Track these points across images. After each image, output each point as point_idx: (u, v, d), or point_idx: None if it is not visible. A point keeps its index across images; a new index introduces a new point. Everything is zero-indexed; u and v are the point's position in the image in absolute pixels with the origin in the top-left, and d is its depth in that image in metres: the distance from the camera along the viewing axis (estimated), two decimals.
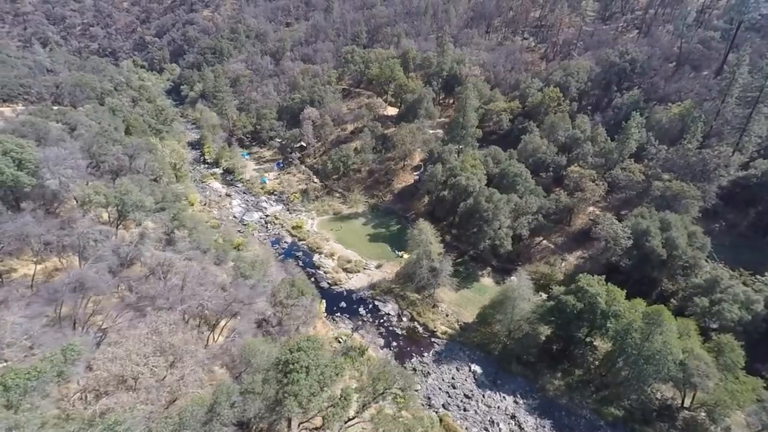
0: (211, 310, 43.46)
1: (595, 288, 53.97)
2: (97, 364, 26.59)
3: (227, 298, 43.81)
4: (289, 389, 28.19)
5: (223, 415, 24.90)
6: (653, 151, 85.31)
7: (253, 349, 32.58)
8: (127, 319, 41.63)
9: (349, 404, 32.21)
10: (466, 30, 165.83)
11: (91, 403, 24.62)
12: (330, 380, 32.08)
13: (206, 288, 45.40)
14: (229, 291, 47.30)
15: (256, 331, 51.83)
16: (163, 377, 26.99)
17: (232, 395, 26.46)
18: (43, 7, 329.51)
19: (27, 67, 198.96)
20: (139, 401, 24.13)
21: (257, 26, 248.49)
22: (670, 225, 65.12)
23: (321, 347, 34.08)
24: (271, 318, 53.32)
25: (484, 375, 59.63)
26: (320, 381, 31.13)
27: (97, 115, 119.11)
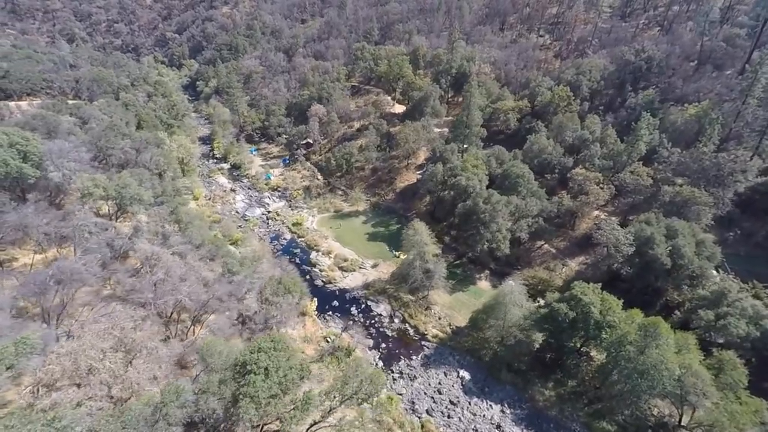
0: (189, 306, 43.49)
1: (589, 296, 51.62)
2: (50, 358, 26.74)
3: (206, 294, 43.71)
4: (244, 390, 27.71)
5: (171, 415, 24.56)
6: (665, 154, 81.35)
7: (210, 348, 32.26)
8: (108, 312, 42.08)
9: (309, 408, 31.45)
10: (479, 27, 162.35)
11: (42, 398, 24.71)
12: (293, 383, 31.43)
13: (188, 284, 45.43)
14: (211, 287, 47.22)
15: (240, 328, 51.83)
16: (120, 373, 26.91)
17: (182, 395, 26.11)
18: (71, 4, 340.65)
19: (52, 62, 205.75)
20: (87, 397, 24.02)
21: (273, 23, 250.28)
22: (677, 232, 61.82)
23: (287, 348, 33.39)
24: (256, 315, 53.14)
25: (473, 381, 58.03)
26: (281, 383, 30.50)
27: (110, 110, 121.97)
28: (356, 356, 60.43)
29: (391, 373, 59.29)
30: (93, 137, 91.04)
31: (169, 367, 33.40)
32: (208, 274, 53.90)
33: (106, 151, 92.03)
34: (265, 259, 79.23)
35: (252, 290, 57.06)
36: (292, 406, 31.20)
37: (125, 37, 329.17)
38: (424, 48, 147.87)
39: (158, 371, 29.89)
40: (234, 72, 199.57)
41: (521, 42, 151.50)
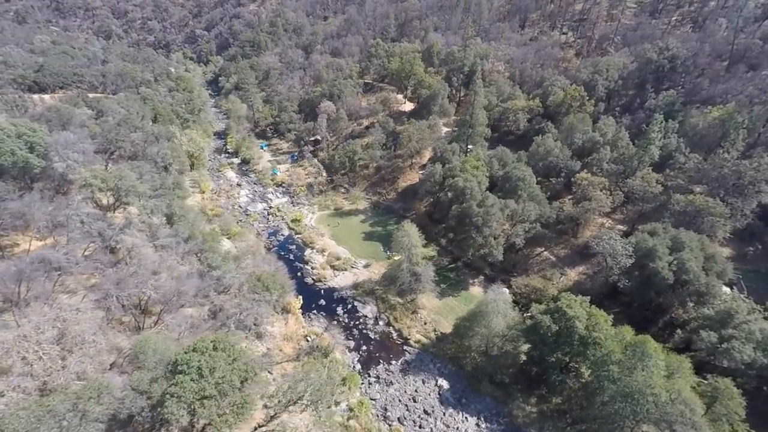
0: (154, 300, 43.82)
1: (574, 310, 48.33)
2: None
3: (172, 288, 43.90)
4: (171, 390, 27.21)
5: (90, 411, 24.37)
6: (682, 159, 75.66)
7: (143, 345, 32.02)
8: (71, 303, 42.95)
9: (244, 412, 30.65)
10: (498, 24, 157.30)
11: None
12: (231, 386, 30.71)
13: (158, 277, 45.80)
14: (182, 282, 47.42)
15: (213, 323, 51.93)
16: (53, 366, 27.12)
17: (104, 391, 25.92)
18: (110, 2, 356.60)
19: (86, 57, 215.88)
20: (11, 388, 24.20)
21: (295, 20, 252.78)
22: (683, 245, 57.08)
23: (230, 349, 32.72)
24: (230, 311, 53.11)
25: (451, 391, 55.83)
26: (219, 385, 29.86)
27: (128, 103, 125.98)
28: (334, 357, 59.51)
29: (367, 377, 57.97)
30: (104, 130, 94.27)
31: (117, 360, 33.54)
32: (184, 269, 54.34)
33: (115, 144, 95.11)
34: (256, 255, 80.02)
35: (232, 286, 57.10)
36: (230, 410, 30.56)
37: (158, 33, 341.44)
38: (438, 45, 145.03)
39: (89, 365, 30.04)
40: (253, 68, 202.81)
41: (542, 40, 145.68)
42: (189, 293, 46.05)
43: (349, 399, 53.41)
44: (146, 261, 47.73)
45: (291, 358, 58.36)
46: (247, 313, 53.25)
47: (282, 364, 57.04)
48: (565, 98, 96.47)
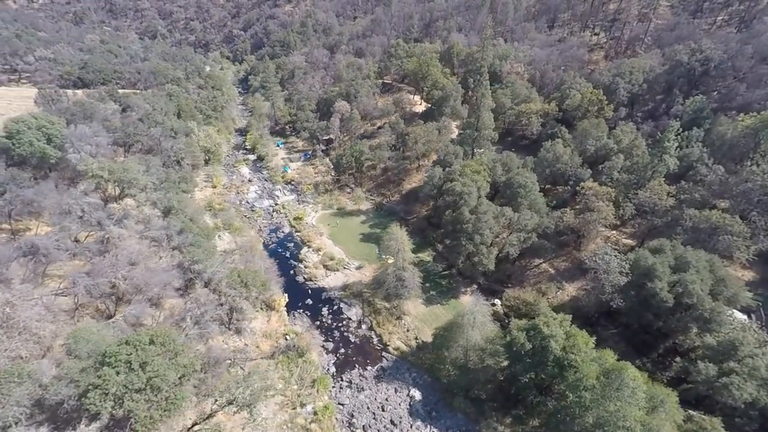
0: (123, 290, 45.22)
1: (551, 328, 45.07)
2: None
3: (144, 279, 45.11)
4: (95, 382, 27.68)
5: (10, 394, 25.22)
6: (703, 171, 69.14)
7: (78, 335, 32.79)
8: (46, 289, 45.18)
9: (171, 408, 30.59)
10: (524, 24, 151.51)
11: None
12: (164, 380, 30.84)
13: (130, 268, 47.29)
14: (157, 273, 48.68)
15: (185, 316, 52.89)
16: None
17: (24, 376, 26.73)
18: (157, 4, 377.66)
19: (129, 55, 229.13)
20: None
21: (325, 20, 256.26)
22: (688, 265, 51.90)
23: (170, 344, 32.90)
24: (207, 305, 53.98)
25: (422, 403, 53.84)
26: (150, 380, 30.08)
27: (153, 99, 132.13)
28: (309, 358, 59.16)
29: (340, 381, 57.09)
30: (124, 124, 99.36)
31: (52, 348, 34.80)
32: (164, 261, 55.86)
33: (133, 137, 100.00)
34: (253, 251, 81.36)
35: (212, 281, 58.12)
36: (158, 405, 30.69)
37: (198, 33, 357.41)
38: (459, 45, 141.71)
39: (24, 351, 31.27)
40: (280, 68, 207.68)
41: (570, 41, 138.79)
42: (166, 285, 47.21)
43: (316, 402, 52.81)
44: (126, 252, 49.40)
45: (266, 356, 58.50)
46: (221, 309, 53.82)
47: (256, 361, 57.28)
48: (582, 102, 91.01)
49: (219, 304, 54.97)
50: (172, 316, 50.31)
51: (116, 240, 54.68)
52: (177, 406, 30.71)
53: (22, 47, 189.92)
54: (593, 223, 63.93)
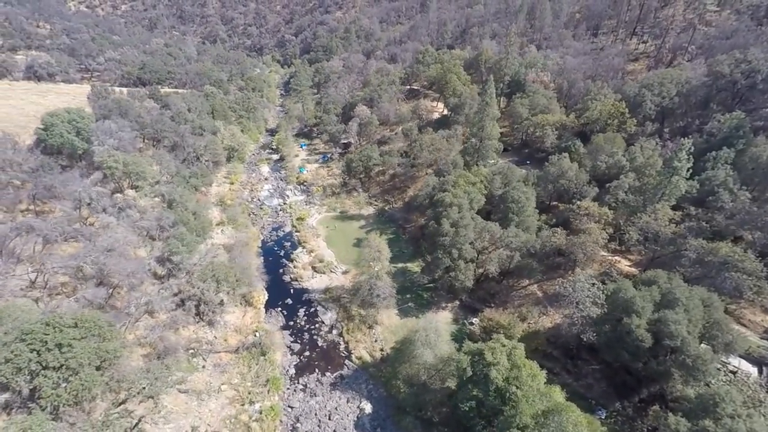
0: (89, 274, 48.80)
1: (495, 356, 41.87)
2: None
3: (107, 266, 48.42)
4: (7, 356, 30.02)
5: None
6: (726, 197, 60.88)
7: (2, 312, 35.44)
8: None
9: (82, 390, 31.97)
10: (561, 30, 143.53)
11: None
12: (77, 363, 32.69)
13: (110, 254, 50.98)
14: (129, 261, 52.05)
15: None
16: None
17: None
18: (220, 11, 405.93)
19: (186, 58, 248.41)
20: None
21: (368, 26, 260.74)
22: (676, 302, 45.86)
23: (95, 328, 34.83)
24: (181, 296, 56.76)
25: (370, 417, 52.32)
26: (67, 360, 32.11)
27: (191, 99, 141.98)
28: (271, 357, 59.94)
29: (296, 384, 57.13)
30: (152, 121, 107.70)
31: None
32: (141, 251, 59.54)
33: (161, 134, 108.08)
34: (249, 246, 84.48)
35: (189, 272, 60.99)
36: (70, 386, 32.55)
37: (254, 38, 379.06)
38: (489, 52, 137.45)
39: None
40: (318, 72, 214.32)
41: (614, 48, 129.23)
42: (132, 273, 50.46)
43: (264, 401, 53.32)
44: (108, 239, 53.49)
45: (230, 350, 60.15)
46: (191, 301, 56.26)
47: (220, 354, 59.10)
48: (601, 115, 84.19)
49: (191, 295, 57.38)
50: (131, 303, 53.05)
51: (103, 228, 59.31)
52: (87, 389, 32.48)
53: (95, 49, 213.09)
54: (581, 246, 58.50)
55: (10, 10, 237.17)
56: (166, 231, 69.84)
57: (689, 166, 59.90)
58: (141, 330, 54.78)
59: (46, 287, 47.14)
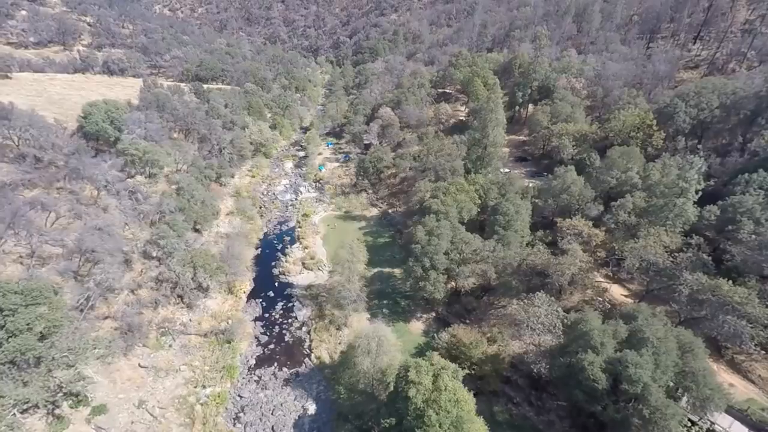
0: (71, 249, 53.81)
1: (418, 375, 39.38)
2: None
3: (88, 243, 53.05)
4: None
5: None
6: (749, 228, 51.93)
7: None
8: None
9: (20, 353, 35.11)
10: (609, 34, 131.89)
11: None
12: (15, 327, 36.08)
13: (99, 233, 56.04)
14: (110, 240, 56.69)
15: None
16: None
17: None
18: (284, 13, 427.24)
19: (242, 57, 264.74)
20: None
21: (417, 29, 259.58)
22: (643, 342, 40.03)
23: (39, 297, 38.26)
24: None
25: (311, 419, 51.86)
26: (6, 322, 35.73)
27: (230, 95, 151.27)
28: (235, 345, 61.80)
29: (252, 375, 58.32)
30: (184, 114, 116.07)
31: None
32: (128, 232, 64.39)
33: (192, 126, 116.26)
34: (249, 237, 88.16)
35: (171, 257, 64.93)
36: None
37: (312, 39, 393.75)
38: (524, 56, 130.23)
39: None
40: (360, 73, 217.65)
41: (663, 54, 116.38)
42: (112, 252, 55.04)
43: (216, 387, 55.08)
44: (100, 219, 58.83)
45: (200, 333, 62.95)
46: (167, 284, 59.90)
47: (190, 336, 62.10)
48: (624, 126, 76.08)
49: (167, 278, 61.13)
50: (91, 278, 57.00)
51: (103, 209, 65.16)
52: (20, 352, 35.82)
53: (164, 48, 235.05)
54: (559, 268, 53.10)
55: (102, 12, 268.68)
56: (166, 216, 74.93)
57: (700, 188, 51.86)
58: (120, 305, 59.41)
59: (33, 256, 52.89)
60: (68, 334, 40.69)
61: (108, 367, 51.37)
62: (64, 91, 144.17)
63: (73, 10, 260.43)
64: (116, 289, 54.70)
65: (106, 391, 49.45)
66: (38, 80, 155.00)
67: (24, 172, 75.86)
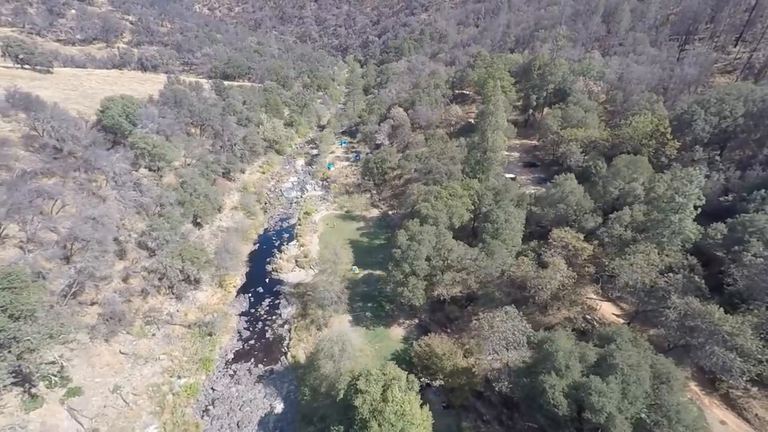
0: (64, 236, 56.57)
1: (367, 384, 38.28)
2: None
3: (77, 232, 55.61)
4: None
5: None
6: (757, 249, 47.00)
7: None
8: None
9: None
10: (638, 34, 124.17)
11: None
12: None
13: (91, 222, 58.75)
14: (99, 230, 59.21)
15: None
16: None
17: None
18: (316, 13, 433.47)
19: (271, 55, 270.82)
20: None
21: (444, 28, 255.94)
22: (612, 368, 36.99)
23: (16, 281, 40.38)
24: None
25: (277, 418, 51.80)
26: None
27: (249, 92, 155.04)
28: (216, 339, 62.92)
29: (227, 369, 59.11)
30: (199, 110, 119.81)
31: None
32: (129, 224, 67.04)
33: (207, 121, 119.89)
34: (246, 233, 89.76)
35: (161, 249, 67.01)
36: None
37: (342, 38, 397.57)
38: (544, 57, 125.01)
39: None
40: (383, 72, 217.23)
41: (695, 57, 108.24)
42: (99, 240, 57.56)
43: (190, 378, 56.23)
44: (90, 208, 61.60)
45: (185, 324, 64.53)
46: (154, 274, 61.95)
47: (174, 326, 63.78)
48: (635, 133, 71.19)
49: (155, 269, 63.18)
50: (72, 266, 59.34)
51: (102, 199, 68.28)
52: None
53: (196, 45, 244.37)
54: (538, 282, 50.16)
55: (144, 11, 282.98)
56: (166, 208, 77.53)
57: (701, 203, 47.41)
58: (110, 292, 61.88)
59: (30, 241, 56.08)
60: (43, 318, 42.59)
61: (88, 351, 53.60)
62: (98, 85, 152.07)
63: (118, 9, 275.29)
64: (100, 277, 56.70)
65: (84, 374, 51.58)
66: (76, 75, 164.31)
67: (44, 162, 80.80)
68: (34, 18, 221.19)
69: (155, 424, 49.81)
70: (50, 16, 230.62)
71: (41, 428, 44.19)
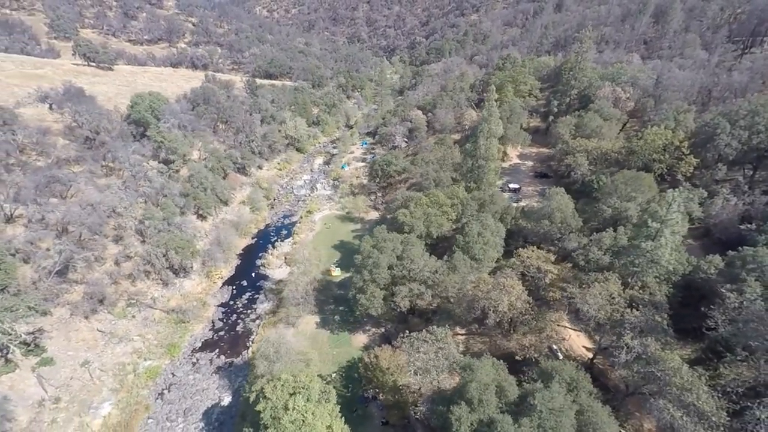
0: (58, 220, 62.17)
1: (275, 393, 37.69)
2: None
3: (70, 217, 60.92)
4: None
5: None
6: (753, 291, 39.69)
7: None
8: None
9: None
10: (687, 36, 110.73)
11: None
12: None
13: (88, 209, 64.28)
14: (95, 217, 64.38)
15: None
16: None
17: None
18: (367, 14, 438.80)
19: (315, 56, 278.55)
20: None
21: (488, 29, 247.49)
22: (529, 409, 33.08)
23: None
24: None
25: (221, 411, 52.91)
26: None
27: (279, 91, 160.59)
28: (188, 326, 65.77)
29: (192, 357, 61.44)
30: (225, 107, 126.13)
31: None
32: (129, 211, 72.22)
33: (231, 118, 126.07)
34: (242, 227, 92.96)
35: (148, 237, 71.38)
36: None
37: (390, 39, 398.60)
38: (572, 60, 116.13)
39: None
40: (419, 74, 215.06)
41: (754, 63, 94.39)
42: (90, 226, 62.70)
43: (154, 362, 59.24)
44: (93, 197, 67.49)
45: (165, 310, 68.18)
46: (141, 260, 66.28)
47: (155, 311, 67.60)
48: (643, 147, 63.54)
49: (141, 256, 67.52)
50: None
51: (106, 187, 74.32)
52: None
53: (245, 45, 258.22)
54: (491, 302, 46.24)
55: (203, 13, 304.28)
56: (167, 199, 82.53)
57: (683, 230, 40.88)
58: (101, 273, 67.10)
59: (30, 222, 62.51)
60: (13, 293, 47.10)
61: (67, 326, 58.53)
62: (149, 82, 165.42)
63: (183, 11, 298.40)
64: (83, 258, 61.39)
65: (59, 346, 56.36)
66: (133, 72, 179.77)
67: (76, 151, 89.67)
68: (111, 21, 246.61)
69: (111, 401, 53.15)
70: (125, 18, 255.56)
71: (8, 391, 48.94)
